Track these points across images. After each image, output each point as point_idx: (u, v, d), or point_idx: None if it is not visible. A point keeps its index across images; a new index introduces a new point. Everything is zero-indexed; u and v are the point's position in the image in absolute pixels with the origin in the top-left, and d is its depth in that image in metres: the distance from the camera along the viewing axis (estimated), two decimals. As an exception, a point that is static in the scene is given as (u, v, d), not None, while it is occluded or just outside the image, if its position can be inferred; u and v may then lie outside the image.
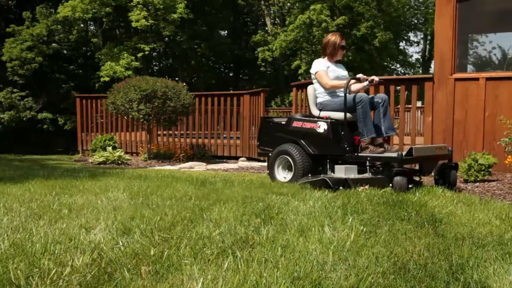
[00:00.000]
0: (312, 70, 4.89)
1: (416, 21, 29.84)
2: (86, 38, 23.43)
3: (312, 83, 4.98)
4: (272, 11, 28.03)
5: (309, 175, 4.52)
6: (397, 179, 3.89)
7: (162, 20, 21.35)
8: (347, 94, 4.53)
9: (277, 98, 25.70)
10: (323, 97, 4.82)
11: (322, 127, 4.56)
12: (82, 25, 23.28)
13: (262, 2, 27.08)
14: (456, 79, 5.66)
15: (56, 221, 2.66)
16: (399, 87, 6.36)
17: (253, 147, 8.62)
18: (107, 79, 20.25)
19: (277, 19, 28.02)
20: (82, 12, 20.16)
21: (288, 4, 26.57)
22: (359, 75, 4.71)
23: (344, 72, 4.95)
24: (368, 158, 4.28)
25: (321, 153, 4.59)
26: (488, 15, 6.20)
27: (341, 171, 4.34)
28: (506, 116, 4.89)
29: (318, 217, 2.78)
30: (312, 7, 23.00)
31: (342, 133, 4.47)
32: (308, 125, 4.69)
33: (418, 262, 1.95)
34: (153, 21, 21.08)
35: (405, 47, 29.99)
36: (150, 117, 7.86)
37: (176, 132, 9.56)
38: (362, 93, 4.65)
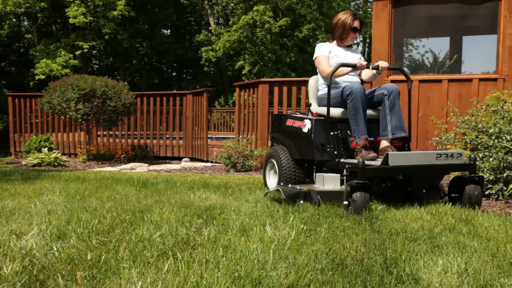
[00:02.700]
0: (314, 56, 4.10)
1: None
2: (19, 34, 22.26)
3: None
4: (215, 11, 27.96)
5: (289, 184, 3.74)
6: (354, 196, 2.97)
7: (101, 17, 20.70)
8: (349, 84, 3.71)
9: (220, 98, 25.65)
10: (323, 89, 3.99)
11: (306, 126, 3.82)
12: (14, 20, 22.09)
13: (206, 2, 26.95)
14: (392, 81, 5.91)
15: (-16, 227, 2.51)
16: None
17: (196, 147, 8.55)
18: (42, 77, 19.36)
19: (220, 19, 28.00)
20: (14, 5, 19.14)
21: (232, 4, 26.60)
22: (356, 61, 3.80)
23: (354, 58, 3.95)
24: (347, 166, 3.35)
25: (302, 158, 3.83)
26: (421, 21, 6.51)
27: (320, 181, 3.58)
28: (436, 116, 5.16)
29: (260, 217, 2.80)
30: (255, 8, 23.18)
31: (332, 133, 3.68)
32: (297, 124, 3.96)
33: (355, 258, 2.01)
34: (92, 18, 20.40)
35: (346, 49, 30.89)
36: (89, 117, 7.60)
37: (117, 133, 9.31)
38: (355, 83, 3.77)
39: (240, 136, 7.23)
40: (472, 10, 6.07)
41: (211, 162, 7.64)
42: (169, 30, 29.15)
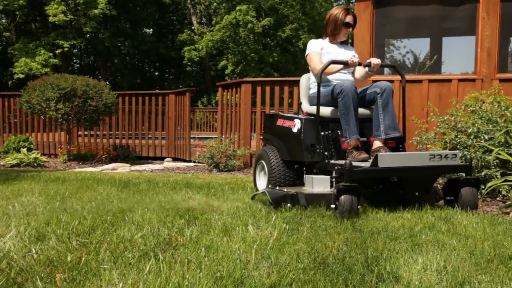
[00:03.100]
0: (306, 53, 3.97)
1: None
2: (-3, 32, 21.86)
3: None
4: (198, 10, 27.86)
5: (277, 187, 3.57)
6: (341, 199, 2.85)
7: (82, 15, 20.44)
8: (342, 82, 3.56)
9: (203, 98, 25.59)
10: (315, 88, 3.82)
11: (296, 126, 3.68)
12: (-8, 18, 21.71)
13: (188, 1, 26.83)
14: (374, 82, 5.96)
15: (-40, 230, 2.46)
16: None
17: (179, 147, 8.51)
18: (21, 76, 19.04)
19: (203, 19, 27.91)
20: (-8, 3, 18.81)
21: (215, 3, 26.54)
22: (348, 58, 3.61)
23: (347, 56, 3.75)
24: (336, 168, 3.23)
25: (292, 159, 3.70)
26: (402, 22, 6.59)
27: (309, 183, 3.46)
28: (417, 116, 5.23)
29: (242, 217, 2.80)
30: (238, 7, 23.18)
31: (322, 133, 3.55)
32: (287, 123, 3.83)
33: (337, 257, 2.03)
34: (72, 16, 20.14)
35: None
36: (70, 117, 7.50)
37: (98, 133, 9.20)
38: (347, 81, 3.62)
39: (223, 136, 7.21)
40: (452, 11, 6.17)
41: (194, 162, 7.61)
42: (151, 29, 28.94)
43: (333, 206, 2.89)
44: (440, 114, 4.54)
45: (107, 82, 23.39)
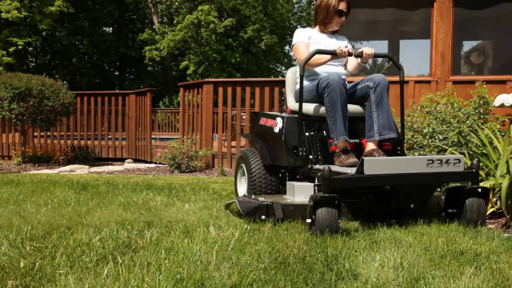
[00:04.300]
0: (292, 43, 3.53)
1: (299, 26, 31.46)
2: None
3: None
4: (159, 10, 27.50)
5: (253, 195, 3.12)
6: (318, 213, 2.41)
7: (37, 12, 19.77)
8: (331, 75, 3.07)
9: (165, 98, 25.27)
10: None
11: (278, 125, 3.26)
12: None
13: (149, 0, 26.43)
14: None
15: None
16: (283, 89, 6.62)
17: (139, 148, 8.37)
18: (-28, 74, 18.19)
19: (165, 18, 27.57)
20: None
21: (176, 3, 26.28)
22: (337, 48, 3.10)
23: (339, 46, 3.16)
24: (319, 174, 2.61)
25: (274, 163, 3.28)
26: (362, 24, 6.73)
27: (290, 191, 3.01)
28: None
29: (204, 218, 2.78)
30: (200, 7, 23.06)
31: (307, 134, 3.13)
32: (269, 122, 3.41)
33: (297, 256, 2.05)
34: (27, 13, 19.44)
35: (290, 50, 31.36)
36: (25, 117, 7.24)
37: (55, 134, 8.92)
38: (334, 74, 3.10)
39: (185, 137, 7.15)
40: (408, 15, 6.35)
41: (155, 163, 7.50)
42: (111, 28, 28.33)
43: (308, 220, 2.46)
44: (398, 114, 4.67)
45: (65, 82, 22.74)
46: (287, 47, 30.44)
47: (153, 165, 7.38)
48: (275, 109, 6.91)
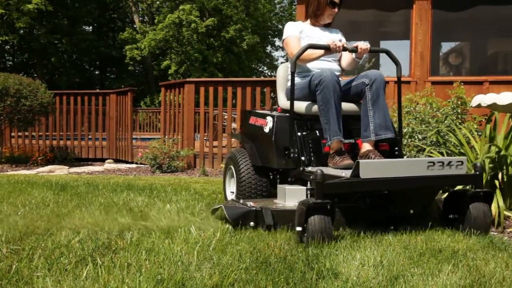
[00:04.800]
0: (283, 38, 3.32)
1: (281, 27, 31.56)
2: None
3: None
4: (140, 9, 27.26)
5: (241, 200, 2.90)
6: (310, 220, 2.24)
7: (15, 10, 19.38)
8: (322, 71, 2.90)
9: (146, 98, 25.06)
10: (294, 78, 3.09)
11: (268, 125, 3.09)
12: None
13: (130, -1, 26.18)
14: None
15: None
16: (265, 89, 6.63)
17: (120, 148, 8.29)
18: None
19: (146, 17, 27.33)
20: None
21: (157, 2, 26.09)
22: (331, 42, 2.91)
23: (333, 40, 2.96)
24: (311, 177, 2.49)
25: (264, 165, 3.11)
26: (343, 25, 6.78)
27: (281, 195, 2.82)
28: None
29: (185, 218, 2.77)
30: (181, 7, 22.93)
31: (299, 134, 2.97)
32: (259, 122, 3.24)
33: (278, 256, 2.06)
34: (3, 11, 19.05)
35: (272, 50, 31.47)
36: (1, 117, 7.10)
37: (34, 134, 8.76)
38: (327, 70, 2.95)
39: (166, 137, 7.11)
40: (388, 16, 6.43)
41: (136, 163, 7.43)
42: (90, 27, 27.95)
43: (298, 228, 2.28)
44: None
45: (44, 81, 22.34)
46: (269, 47, 30.51)
47: (134, 166, 7.32)
48: (257, 109, 6.91)
